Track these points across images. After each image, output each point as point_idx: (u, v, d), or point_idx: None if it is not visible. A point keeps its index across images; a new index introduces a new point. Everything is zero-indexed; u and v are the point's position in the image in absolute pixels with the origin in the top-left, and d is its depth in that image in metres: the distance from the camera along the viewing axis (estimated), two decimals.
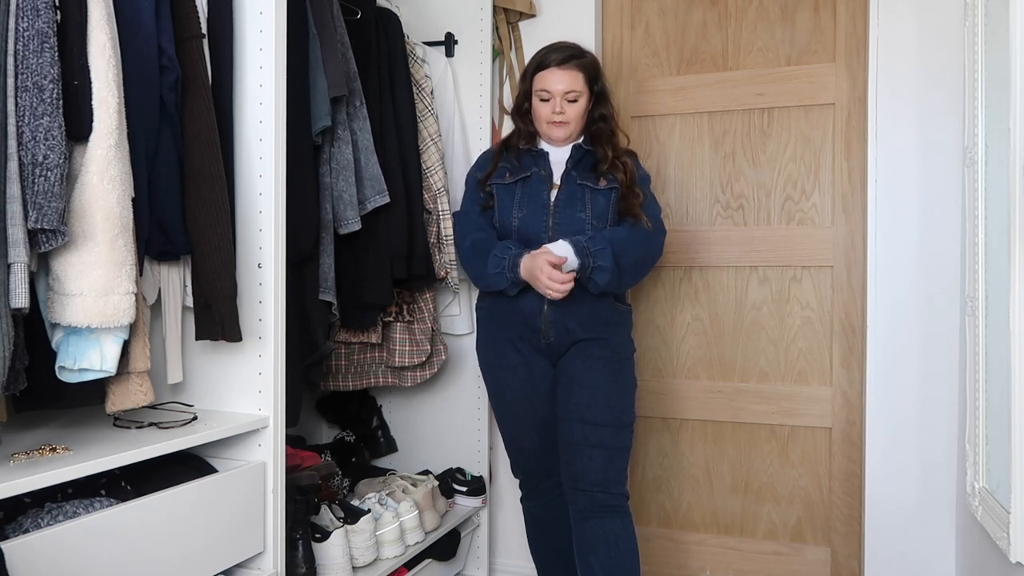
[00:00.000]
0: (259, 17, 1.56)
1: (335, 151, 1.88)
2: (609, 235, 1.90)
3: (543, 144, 2.04)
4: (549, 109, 1.96)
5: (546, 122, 1.98)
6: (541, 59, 1.98)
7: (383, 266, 2.04)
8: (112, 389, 1.38)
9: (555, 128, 1.98)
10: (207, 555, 1.43)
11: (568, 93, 1.95)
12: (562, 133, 1.98)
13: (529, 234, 1.93)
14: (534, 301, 1.92)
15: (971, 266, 1.83)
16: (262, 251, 1.57)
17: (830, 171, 2.35)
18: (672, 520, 2.52)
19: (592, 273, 1.85)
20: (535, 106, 1.99)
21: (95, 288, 1.22)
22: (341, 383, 2.24)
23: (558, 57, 1.96)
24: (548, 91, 1.96)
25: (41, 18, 1.16)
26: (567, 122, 1.97)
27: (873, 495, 2.22)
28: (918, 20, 2.16)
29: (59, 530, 1.19)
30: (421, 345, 2.22)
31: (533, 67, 2.00)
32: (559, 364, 1.97)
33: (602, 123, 2.01)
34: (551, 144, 2.02)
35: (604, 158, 1.97)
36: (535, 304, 1.92)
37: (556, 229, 1.92)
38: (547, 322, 1.93)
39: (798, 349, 2.38)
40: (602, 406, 1.90)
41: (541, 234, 1.93)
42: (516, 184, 1.98)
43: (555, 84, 1.95)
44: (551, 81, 1.95)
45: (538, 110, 1.98)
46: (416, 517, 2.09)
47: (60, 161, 1.16)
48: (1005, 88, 1.54)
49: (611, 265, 1.85)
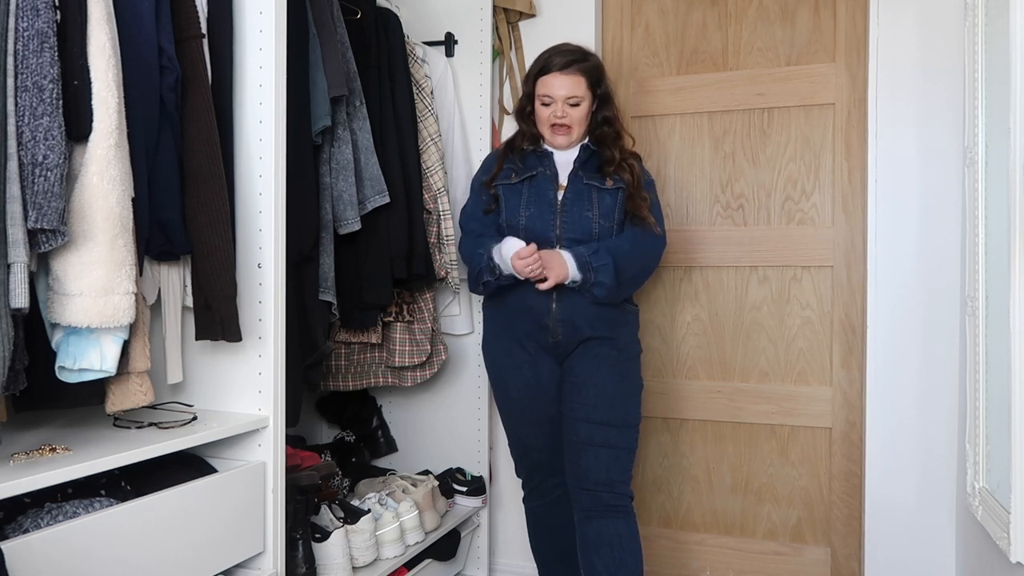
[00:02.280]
0: (259, 17, 1.56)
1: (335, 151, 1.88)
2: (614, 248, 1.90)
3: (547, 145, 2.04)
4: (550, 112, 1.96)
5: (548, 126, 1.98)
6: (544, 63, 1.98)
7: (383, 266, 2.04)
8: (112, 389, 1.38)
9: (557, 133, 1.98)
10: (207, 555, 1.43)
11: (570, 98, 1.95)
12: (564, 140, 1.99)
13: (537, 233, 1.93)
14: (543, 299, 1.92)
15: (971, 266, 1.83)
16: (262, 251, 1.57)
17: (830, 171, 2.34)
18: (672, 520, 2.52)
19: (592, 287, 1.88)
20: (537, 110, 1.99)
21: (95, 288, 1.22)
22: (341, 383, 2.24)
23: (561, 61, 1.95)
24: (550, 96, 1.95)
25: (41, 18, 1.16)
26: (570, 126, 1.97)
27: (873, 495, 2.22)
28: (918, 20, 2.16)
29: (59, 530, 1.19)
30: (421, 345, 2.22)
31: (536, 71, 1.99)
32: (566, 363, 1.97)
33: (606, 126, 2.01)
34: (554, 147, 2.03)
35: (611, 160, 1.97)
36: (544, 302, 1.93)
37: (564, 228, 1.93)
38: (556, 320, 1.93)
39: (798, 349, 2.38)
40: (608, 406, 1.90)
41: (549, 233, 1.93)
42: (522, 184, 1.98)
43: (557, 89, 1.94)
44: (553, 86, 1.95)
45: (540, 114, 1.99)
46: (416, 517, 2.09)
47: (60, 161, 1.16)
48: (1005, 88, 1.54)
49: (612, 281, 1.87)
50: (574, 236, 1.92)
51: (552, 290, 1.90)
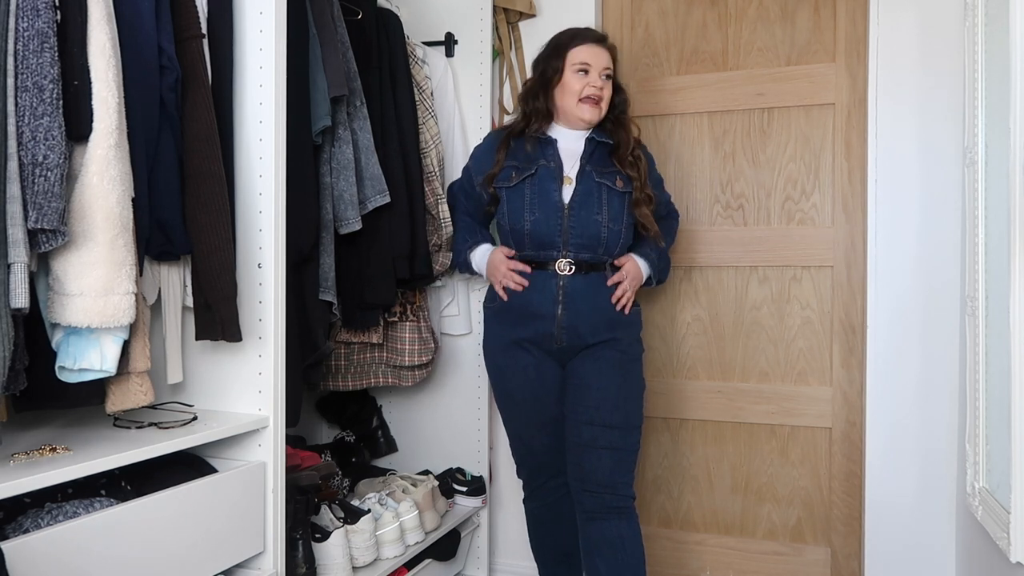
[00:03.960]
0: (259, 17, 1.56)
1: (335, 151, 1.88)
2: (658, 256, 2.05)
3: (553, 130, 2.00)
4: (586, 83, 1.92)
5: (579, 98, 1.93)
6: (575, 35, 1.95)
7: (386, 266, 2.04)
8: (112, 389, 1.38)
9: (587, 106, 1.93)
10: (207, 555, 1.43)
11: (606, 69, 1.94)
12: (594, 114, 1.95)
13: (543, 238, 1.91)
14: (549, 306, 1.91)
15: (971, 266, 1.83)
16: (262, 251, 1.57)
17: (830, 171, 2.35)
18: (672, 520, 2.52)
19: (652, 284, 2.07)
20: (568, 81, 1.93)
21: (95, 288, 1.22)
22: (341, 383, 2.24)
23: (594, 35, 1.96)
24: (588, 64, 1.92)
25: (41, 18, 1.16)
26: (602, 99, 1.94)
27: (873, 495, 2.22)
28: (918, 20, 2.16)
29: (59, 530, 1.19)
30: (427, 343, 2.22)
31: (567, 40, 1.95)
32: (568, 365, 1.97)
33: (622, 110, 2.02)
34: (567, 126, 1.99)
35: (626, 143, 1.96)
36: (550, 309, 1.91)
37: (571, 232, 1.90)
38: (560, 327, 1.91)
39: (798, 349, 2.38)
40: (611, 408, 1.89)
41: (555, 237, 1.91)
42: (523, 183, 1.94)
43: (596, 59, 1.92)
44: (591, 56, 1.92)
45: (572, 84, 1.93)
46: (416, 517, 2.09)
47: (60, 161, 1.16)
48: (1005, 88, 1.54)
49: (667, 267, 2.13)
50: (581, 242, 1.90)
51: (559, 297, 1.91)
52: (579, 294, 1.91)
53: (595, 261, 1.93)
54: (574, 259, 1.91)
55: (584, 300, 1.90)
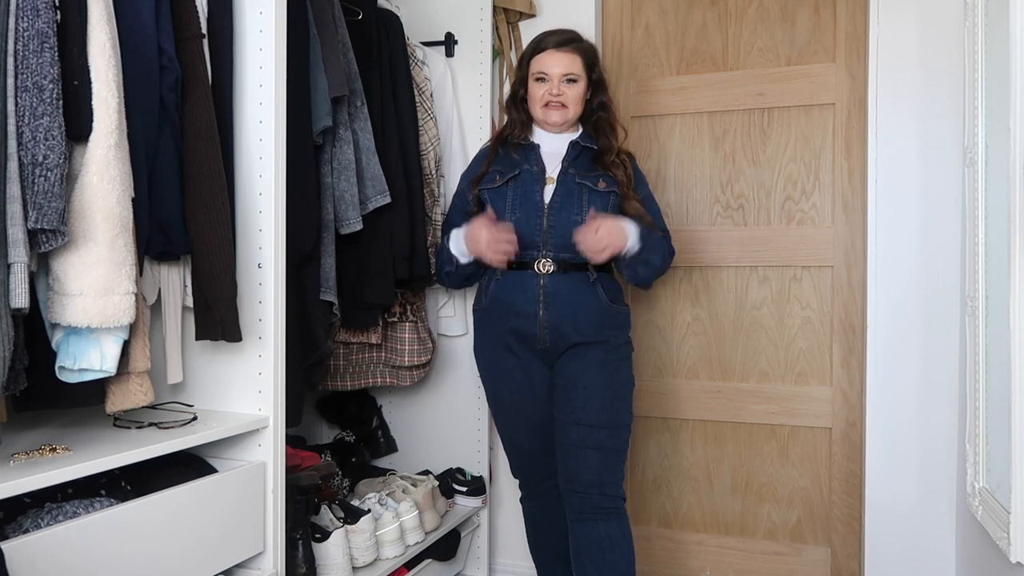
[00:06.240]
0: (259, 17, 1.56)
1: (336, 151, 1.88)
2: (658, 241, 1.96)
3: (536, 135, 2.02)
4: (545, 90, 1.94)
5: (542, 105, 1.95)
6: (538, 42, 1.98)
7: (386, 266, 2.04)
8: (112, 389, 1.38)
9: (552, 111, 1.95)
10: (207, 555, 1.43)
11: (567, 75, 1.94)
12: (559, 117, 1.96)
13: (524, 238, 1.91)
14: (530, 305, 1.91)
15: (971, 266, 1.83)
16: (262, 251, 1.57)
17: (830, 171, 2.35)
18: (672, 520, 2.52)
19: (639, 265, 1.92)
20: (531, 89, 1.97)
21: (95, 288, 1.22)
22: (340, 383, 2.24)
23: (555, 39, 1.96)
24: (545, 72, 1.94)
25: (41, 18, 1.16)
26: (565, 105, 1.95)
27: (873, 495, 2.22)
28: (918, 20, 2.16)
29: (59, 530, 1.19)
30: (425, 344, 2.23)
31: (530, 51, 1.99)
32: (556, 365, 1.96)
33: (602, 112, 2.00)
34: (547, 131, 2.00)
35: (608, 149, 1.96)
36: (531, 308, 1.91)
37: (551, 232, 1.90)
38: (543, 328, 1.91)
39: (798, 349, 2.38)
40: (597, 408, 1.89)
41: (535, 237, 1.91)
42: (507, 185, 1.96)
43: (552, 66, 1.94)
44: (548, 63, 1.94)
45: (534, 92, 1.96)
46: (416, 517, 2.09)
47: (60, 161, 1.16)
48: (1005, 88, 1.54)
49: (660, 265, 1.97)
50: (562, 242, 1.90)
51: (540, 297, 1.89)
52: (561, 294, 1.90)
53: (576, 261, 1.91)
54: (555, 259, 1.90)
55: (566, 300, 1.90)
